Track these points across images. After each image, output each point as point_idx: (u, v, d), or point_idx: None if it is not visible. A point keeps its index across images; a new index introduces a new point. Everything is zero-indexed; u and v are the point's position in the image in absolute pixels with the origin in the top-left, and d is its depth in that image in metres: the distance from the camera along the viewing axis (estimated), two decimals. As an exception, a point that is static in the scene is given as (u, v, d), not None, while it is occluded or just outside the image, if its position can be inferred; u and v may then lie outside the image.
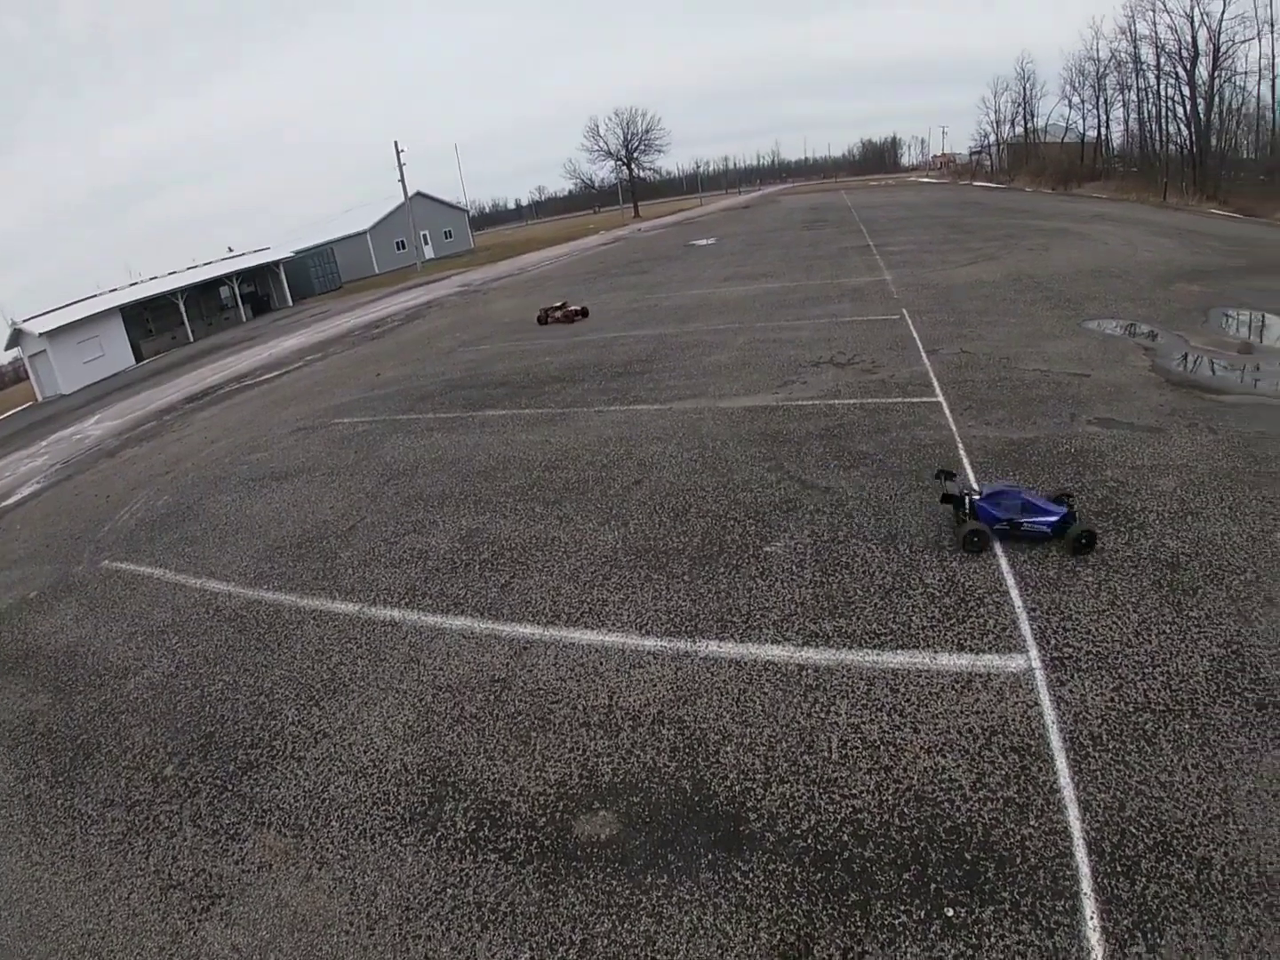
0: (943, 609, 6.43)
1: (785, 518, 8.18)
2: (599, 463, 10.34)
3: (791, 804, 4.74)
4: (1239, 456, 8.93)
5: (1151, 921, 3.90)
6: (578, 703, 5.89)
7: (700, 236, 48.26)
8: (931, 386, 11.90)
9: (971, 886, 4.13)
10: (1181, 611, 6.22)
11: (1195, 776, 4.73)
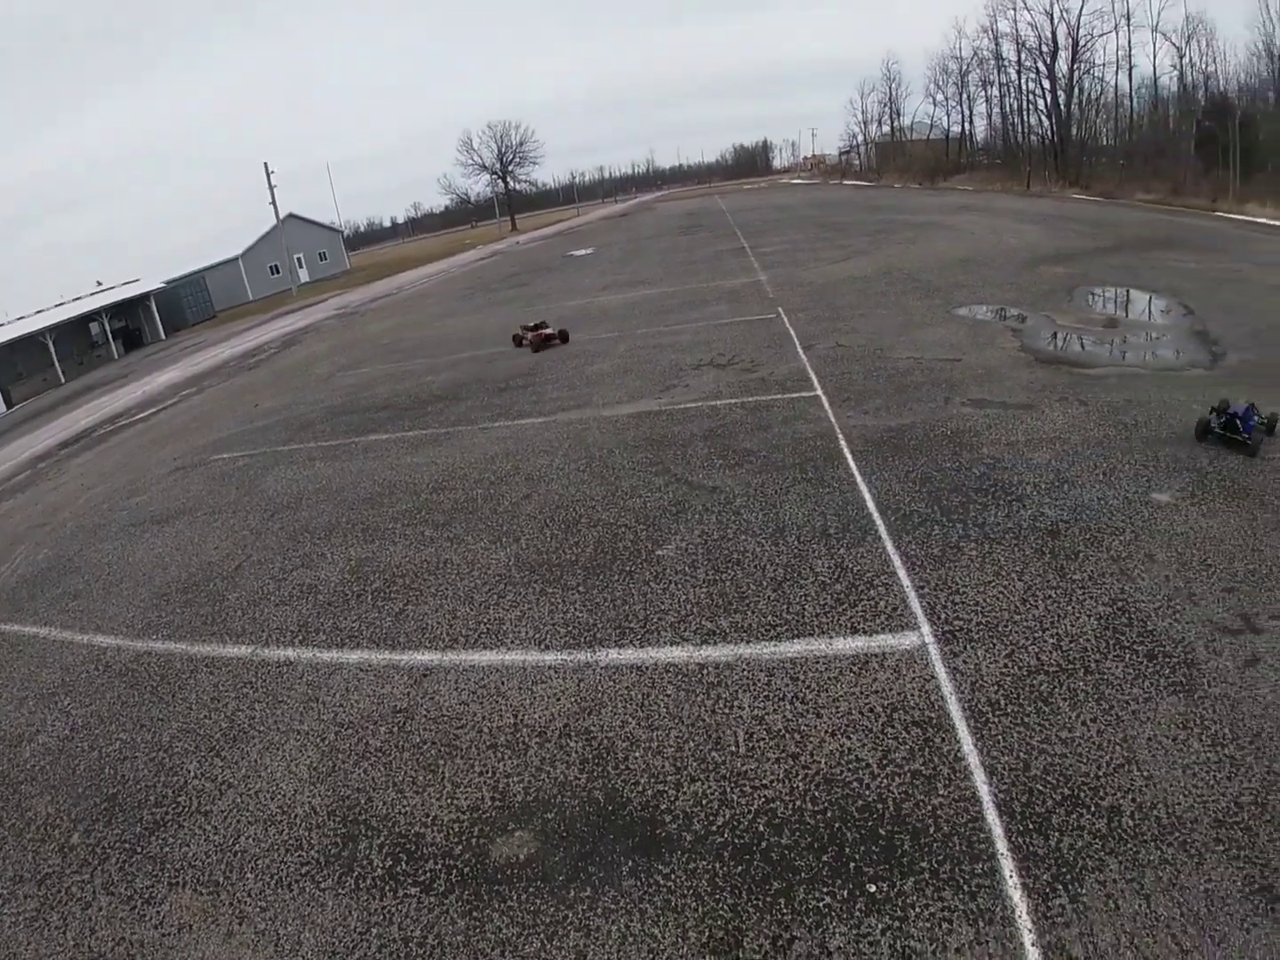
0: (834, 595, 6.56)
1: (675, 520, 8.24)
2: (486, 480, 10.23)
3: (705, 801, 4.76)
4: (1109, 425, 9.38)
5: (1070, 873, 4.04)
6: (483, 725, 5.80)
7: (578, 247, 48.33)
8: (810, 381, 12.13)
9: (890, 861, 4.21)
10: (1065, 575, 6.51)
11: (1095, 730, 4.93)
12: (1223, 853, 4.10)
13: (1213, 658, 5.50)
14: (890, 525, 7.53)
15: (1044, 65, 62.72)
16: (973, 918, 3.89)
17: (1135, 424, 9.38)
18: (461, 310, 27.88)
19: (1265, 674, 5.31)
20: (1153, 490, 7.82)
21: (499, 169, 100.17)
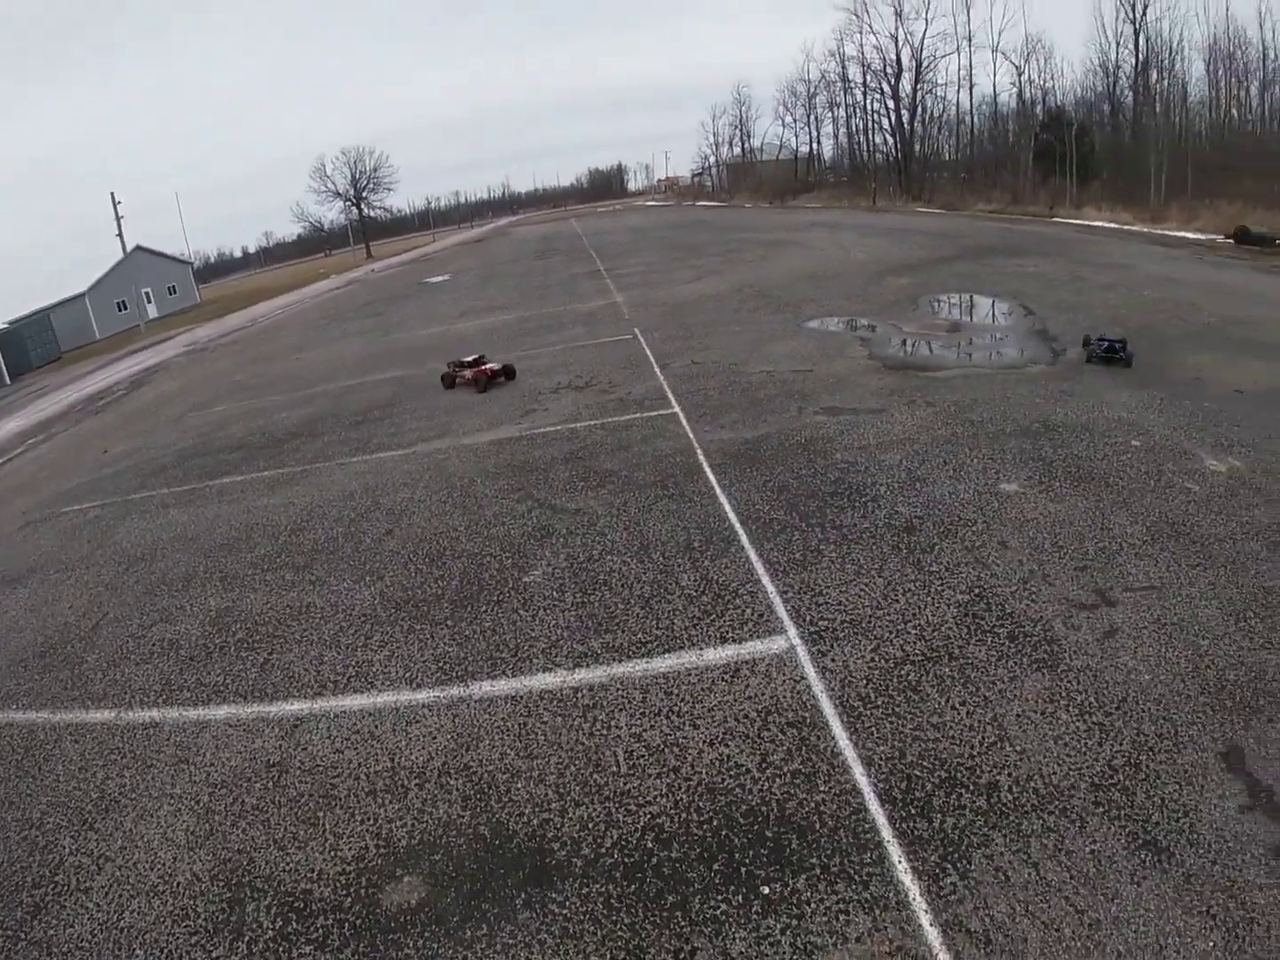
0: (702, 607, 6.61)
1: (540, 545, 8.17)
2: (346, 518, 9.92)
3: (591, 825, 4.71)
4: (957, 424, 9.81)
5: (957, 851, 4.16)
6: (360, 772, 5.58)
7: (434, 273, 47.79)
8: (667, 399, 12.26)
9: (780, 861, 4.24)
10: (923, 568, 6.76)
11: (965, 712, 5.12)
12: (1103, 814, 4.32)
13: (1072, 633, 5.83)
14: (752, 534, 7.65)
15: (889, 86, 66.06)
16: (868, 906, 3.96)
17: (981, 421, 9.86)
18: (316, 342, 27.19)
19: (1124, 643, 5.68)
20: (1001, 481, 8.24)
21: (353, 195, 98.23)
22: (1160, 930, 3.74)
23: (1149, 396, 10.43)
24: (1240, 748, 4.76)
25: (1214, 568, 6.58)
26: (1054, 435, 9.24)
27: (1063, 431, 9.36)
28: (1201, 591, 6.26)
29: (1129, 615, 5.99)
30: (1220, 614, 5.98)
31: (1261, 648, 5.61)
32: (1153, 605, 6.11)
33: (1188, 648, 5.63)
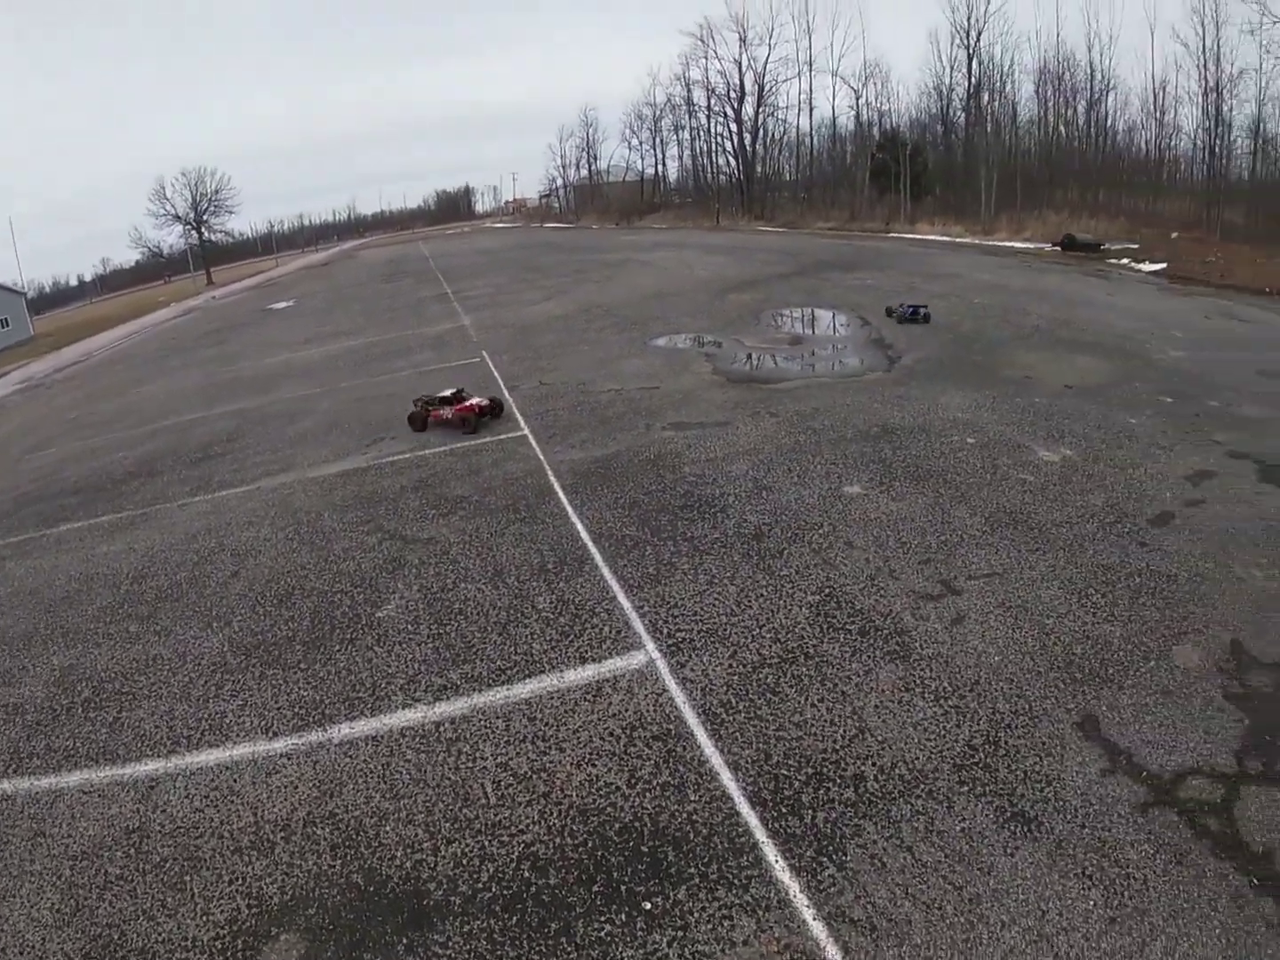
0: (559, 629, 6.54)
1: (392, 578, 7.96)
2: (190, 562, 9.41)
3: (466, 860, 4.59)
4: (800, 432, 10.06)
5: (831, 844, 4.23)
6: (223, 830, 5.27)
7: (278, 299, 46.50)
8: (516, 421, 12.17)
9: (659, 875, 4.21)
10: (774, 573, 6.90)
11: (825, 709, 5.24)
12: (969, 792, 4.48)
13: (921, 623, 6.06)
14: (605, 552, 7.64)
15: (732, 110, 68.35)
16: (751, 908, 3.98)
17: (823, 428, 10.14)
18: (156, 374, 26.03)
19: (971, 628, 5.95)
20: (844, 484, 8.49)
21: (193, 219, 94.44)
22: (1040, 896, 3.91)
23: (982, 397, 10.97)
24: (1095, 716, 5.07)
25: (1053, 551, 7.01)
26: (893, 438, 9.61)
27: (901, 434, 9.74)
28: (1042, 574, 6.65)
29: (974, 602, 6.28)
30: (1062, 593, 6.37)
31: (1105, 621, 6.01)
32: (996, 590, 6.43)
33: (1034, 627, 5.95)
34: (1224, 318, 18.05)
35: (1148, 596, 6.32)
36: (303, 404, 16.34)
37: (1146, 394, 11.30)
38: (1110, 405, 10.75)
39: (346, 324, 28.03)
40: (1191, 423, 10.07)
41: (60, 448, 18.22)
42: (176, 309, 60.95)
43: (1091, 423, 9.97)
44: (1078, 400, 10.92)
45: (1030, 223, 38.80)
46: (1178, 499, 7.99)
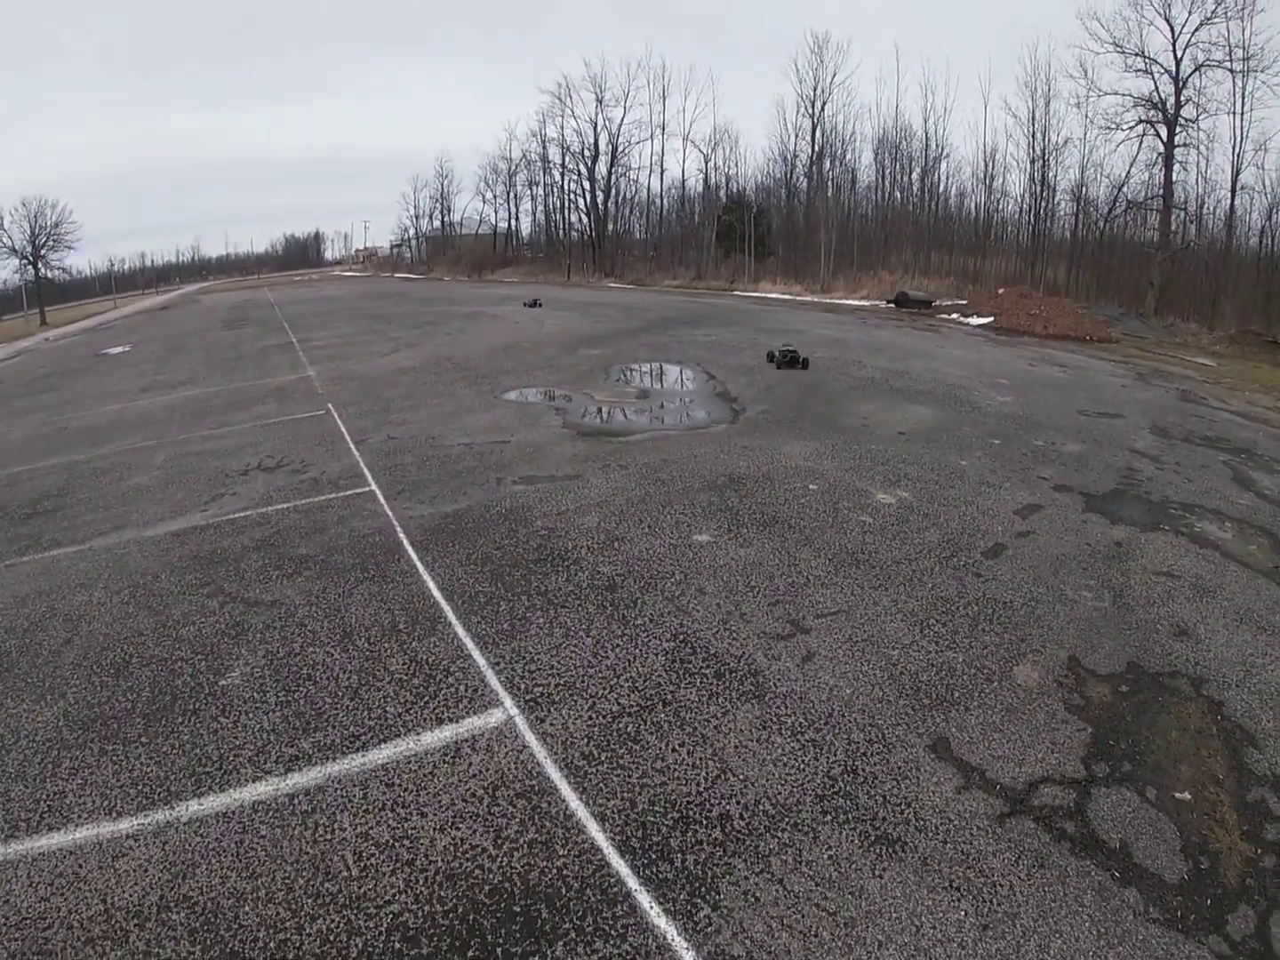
0: (413, 690, 6.40)
1: (236, 644, 7.61)
2: (20, 628, 8.71)
3: (332, 936, 4.39)
4: (649, 483, 10.24)
5: (703, 884, 4.26)
6: (71, 920, 4.85)
7: (116, 343, 44.54)
8: (363, 477, 11.94)
9: (534, 934, 4.14)
10: (628, 623, 6.96)
11: (686, 753, 5.30)
12: (833, 821, 4.61)
13: (773, 662, 6.23)
14: (458, 609, 7.53)
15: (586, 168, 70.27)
16: (630, 957, 3.95)
17: (671, 479, 10.36)
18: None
19: (822, 664, 6.17)
20: (694, 533, 8.67)
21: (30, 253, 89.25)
22: (912, 912, 4.05)
23: (823, 445, 11.45)
24: (945, 738, 5.33)
25: (894, 586, 7.37)
26: (739, 486, 9.91)
27: (747, 483, 10.05)
28: (886, 609, 6.97)
29: (823, 639, 6.53)
30: (906, 625, 6.70)
31: (947, 648, 6.35)
32: (844, 627, 6.70)
33: (881, 659, 6.23)
34: (1046, 364, 19.50)
35: (986, 623, 6.75)
36: (138, 457, 15.56)
37: (976, 437, 12.08)
38: (942, 449, 11.43)
39: (185, 372, 27.02)
40: (1019, 461, 10.87)
41: None
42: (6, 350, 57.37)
43: (925, 466, 10.58)
44: (912, 445, 11.56)
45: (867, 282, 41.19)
46: (1009, 532, 8.57)
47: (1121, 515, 9.18)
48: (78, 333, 61.13)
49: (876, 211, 54.40)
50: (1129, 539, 8.55)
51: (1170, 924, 4.02)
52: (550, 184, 77.83)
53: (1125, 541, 8.49)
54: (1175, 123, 34.91)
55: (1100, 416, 13.89)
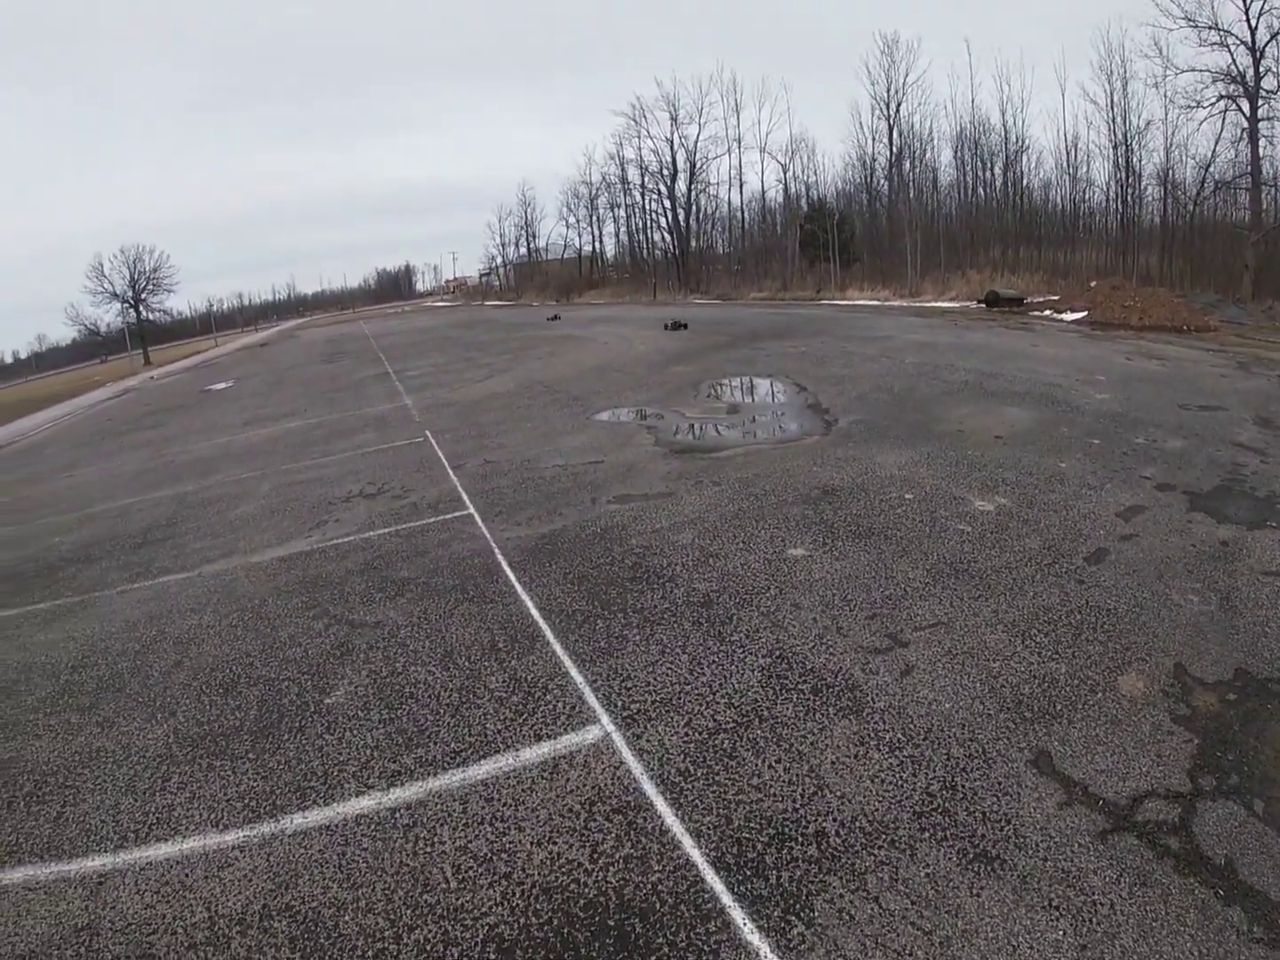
0: (512, 708, 6.48)
1: (340, 664, 7.84)
2: (132, 650, 9.16)
3: (429, 947, 4.47)
4: (742, 499, 10.22)
5: (798, 901, 4.21)
6: (176, 926, 5.07)
7: (218, 380, 46.16)
8: (461, 500, 12.16)
9: (628, 948, 4.15)
10: (724, 639, 6.92)
11: (782, 769, 5.24)
12: (930, 838, 4.51)
13: (871, 677, 6.13)
14: (556, 628, 7.62)
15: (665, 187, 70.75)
16: None
17: (765, 493, 10.32)
18: (91, 458, 25.53)
19: (921, 678, 6.04)
20: (788, 547, 8.61)
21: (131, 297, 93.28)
22: (1009, 931, 3.95)
23: (917, 453, 11.26)
24: (1047, 752, 5.17)
25: (994, 596, 7.18)
26: (833, 499, 9.81)
27: (841, 494, 9.95)
28: (986, 620, 6.80)
29: (922, 652, 6.39)
30: (1006, 636, 6.51)
31: (1049, 659, 6.16)
32: (943, 639, 6.55)
33: (981, 672, 6.07)
34: (1144, 358, 18.82)
35: (1089, 631, 6.52)
36: (244, 487, 16.13)
37: (1075, 438, 11.75)
38: (1040, 451, 11.14)
39: (287, 405, 27.88)
40: (1119, 461, 10.52)
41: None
42: (113, 389, 59.87)
43: (1024, 470, 10.32)
44: (1009, 449, 11.30)
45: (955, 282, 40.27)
46: (1111, 535, 8.29)
47: (1227, 513, 8.82)
48: (181, 371, 63.58)
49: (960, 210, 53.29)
50: (1235, 538, 8.20)
51: (1275, 944, 3.85)
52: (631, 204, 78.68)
53: (1232, 541, 8.14)
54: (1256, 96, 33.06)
55: (1201, 410, 13.39)
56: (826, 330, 26.87)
